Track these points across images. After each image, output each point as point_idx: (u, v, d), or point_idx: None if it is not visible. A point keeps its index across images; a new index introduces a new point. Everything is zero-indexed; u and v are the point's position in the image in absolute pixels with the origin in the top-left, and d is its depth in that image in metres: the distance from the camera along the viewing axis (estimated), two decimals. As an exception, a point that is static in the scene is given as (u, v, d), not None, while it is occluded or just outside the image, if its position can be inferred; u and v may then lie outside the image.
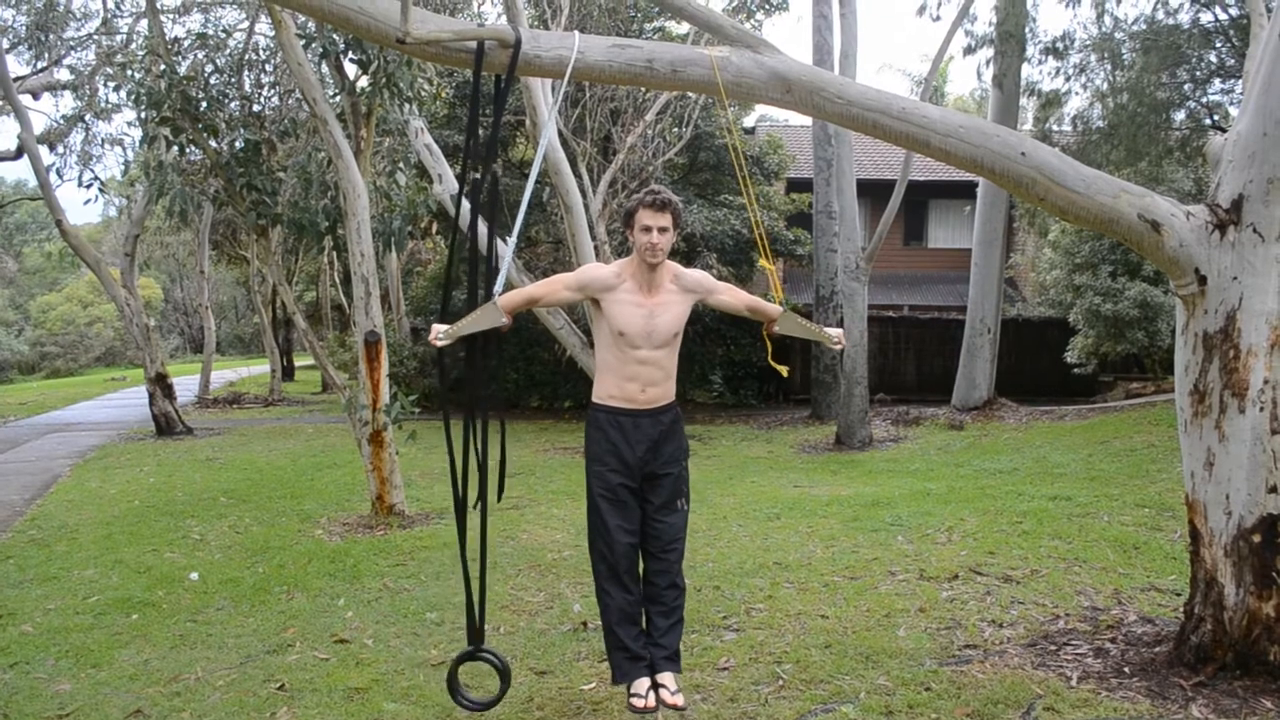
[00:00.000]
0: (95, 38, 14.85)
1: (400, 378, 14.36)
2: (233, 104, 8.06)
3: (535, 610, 4.89)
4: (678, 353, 3.44)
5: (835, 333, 3.53)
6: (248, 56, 8.56)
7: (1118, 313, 13.25)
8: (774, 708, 3.52)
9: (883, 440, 11.81)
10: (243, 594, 5.33)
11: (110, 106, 14.50)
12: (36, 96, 15.90)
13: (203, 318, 21.32)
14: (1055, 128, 13.93)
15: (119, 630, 4.75)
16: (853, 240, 11.92)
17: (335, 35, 7.03)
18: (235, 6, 13.69)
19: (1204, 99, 12.18)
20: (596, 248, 10.88)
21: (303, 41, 7.05)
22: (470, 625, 3.27)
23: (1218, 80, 11.92)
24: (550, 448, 11.95)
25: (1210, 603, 3.59)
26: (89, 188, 12.10)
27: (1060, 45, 12.47)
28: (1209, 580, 3.61)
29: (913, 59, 69.74)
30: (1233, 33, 11.05)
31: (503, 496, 3.29)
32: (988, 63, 13.06)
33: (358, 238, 7.14)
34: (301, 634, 4.61)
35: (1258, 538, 3.48)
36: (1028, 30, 12.47)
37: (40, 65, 15.16)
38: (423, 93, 7.93)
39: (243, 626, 4.77)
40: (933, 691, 3.59)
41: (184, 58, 8.66)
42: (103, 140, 15.40)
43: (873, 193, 19.99)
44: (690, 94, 13.17)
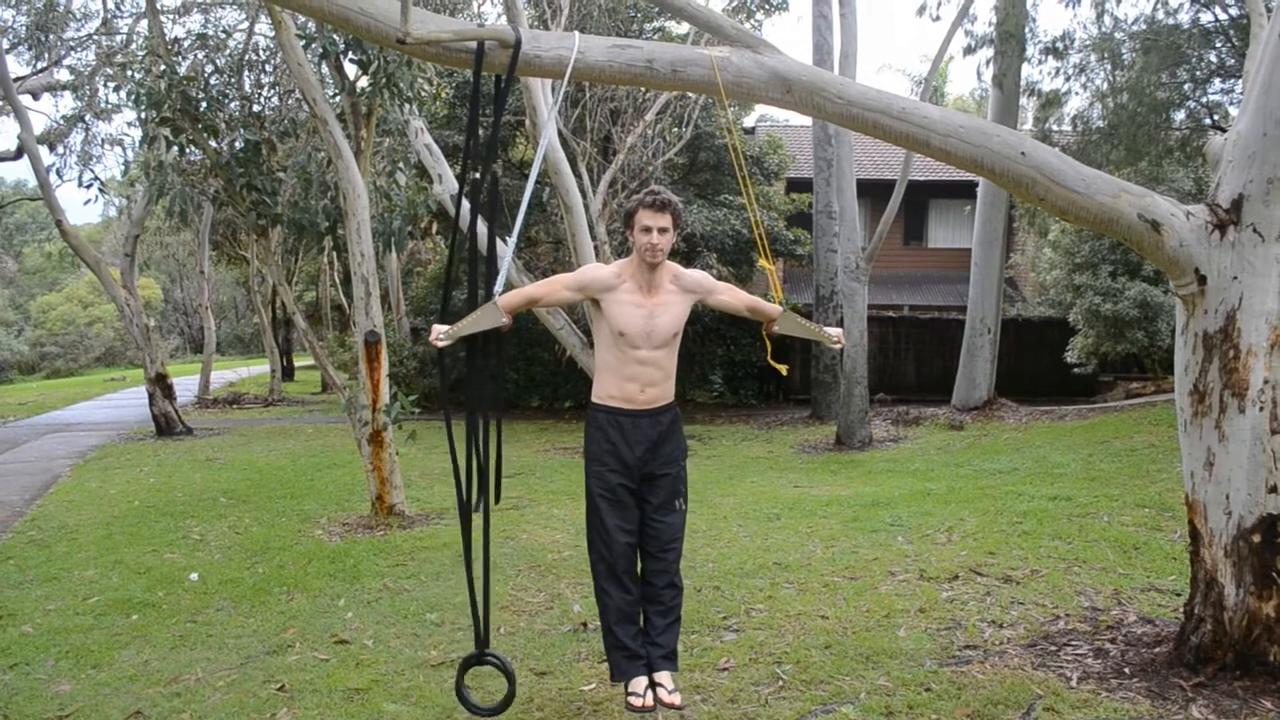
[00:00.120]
0: (95, 38, 14.85)
1: (400, 378, 14.37)
2: (233, 104, 8.06)
3: (535, 611, 4.89)
4: (677, 353, 3.45)
5: (835, 332, 3.53)
6: (248, 57, 8.57)
7: (1118, 312, 13.25)
8: (774, 708, 3.52)
9: (883, 440, 11.81)
10: (243, 594, 5.33)
11: (110, 107, 14.52)
12: (36, 97, 15.91)
13: (203, 318, 21.33)
14: (1055, 128, 13.92)
15: (119, 631, 4.75)
16: (853, 240, 11.92)
17: (335, 35, 7.03)
18: (235, 7, 13.72)
19: (1204, 99, 12.18)
20: (596, 248, 10.88)
21: (303, 42, 7.05)
22: (476, 629, 3.27)
23: (1218, 80, 11.91)
24: (550, 448, 11.95)
25: (1210, 603, 3.59)
26: (89, 188, 12.12)
27: (1060, 45, 12.46)
28: (1209, 580, 3.61)
29: (913, 59, 69.76)
30: (1233, 32, 11.04)
31: (500, 498, 3.29)
32: (988, 63, 13.06)
33: (358, 238, 7.14)
34: (301, 635, 4.61)
35: (1257, 538, 3.48)
36: (1027, 30, 12.47)
37: (40, 65, 15.16)
38: (423, 93, 7.93)
39: (243, 627, 4.77)
40: (933, 692, 3.59)
41: (184, 58, 8.67)
42: (103, 140, 15.44)
43: (873, 193, 20.00)
44: (690, 94, 13.17)
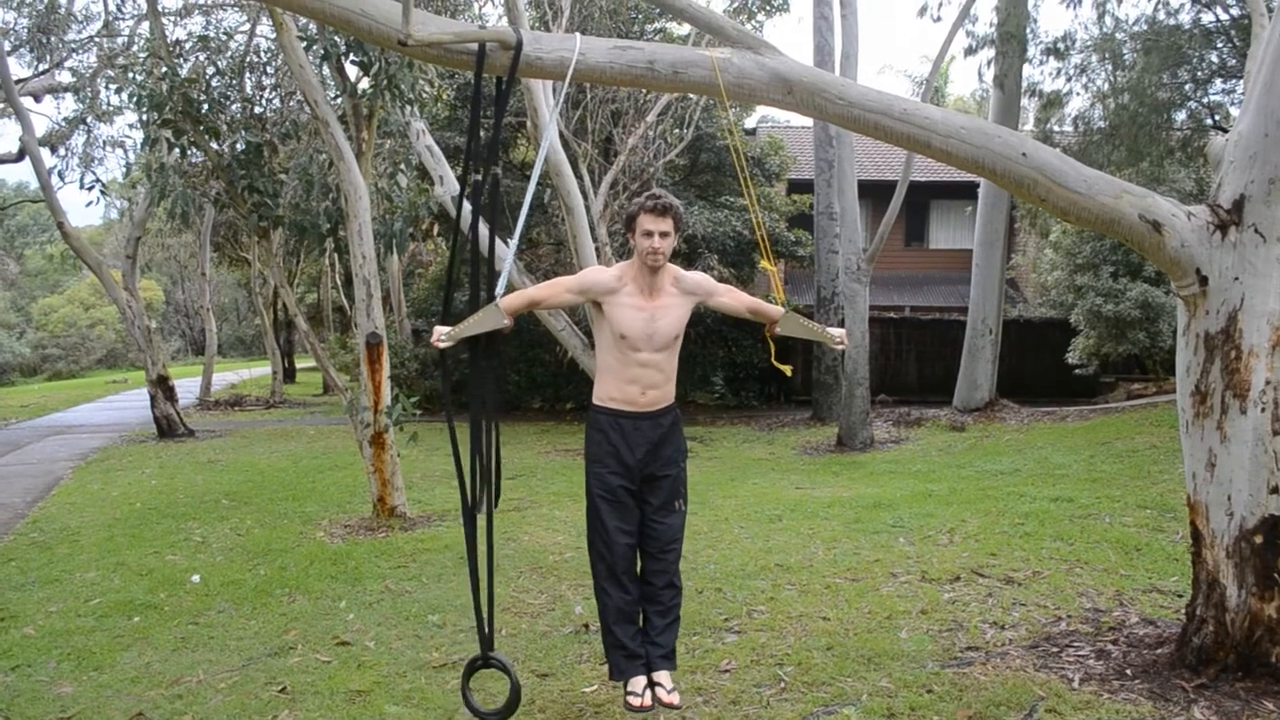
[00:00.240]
0: (97, 40, 14.88)
1: (402, 380, 14.37)
2: (234, 106, 8.07)
3: (537, 612, 4.89)
4: (678, 355, 3.46)
5: (838, 333, 3.52)
6: (249, 59, 8.59)
7: (1119, 313, 13.24)
8: (776, 710, 3.52)
9: (884, 441, 11.81)
10: (244, 596, 5.33)
11: (112, 109, 14.54)
12: (38, 99, 15.93)
13: (204, 320, 21.33)
14: (1056, 128, 13.90)
15: (121, 633, 4.76)
16: (854, 241, 11.92)
17: (336, 37, 7.04)
18: (236, 9, 13.73)
19: (1205, 99, 12.16)
20: (598, 249, 10.88)
21: (304, 44, 7.06)
22: (480, 632, 3.26)
23: (1219, 80, 11.90)
24: (552, 449, 11.95)
25: (1212, 604, 3.59)
26: (91, 190, 12.10)
27: (1061, 46, 12.44)
28: (1211, 582, 3.60)
29: (914, 60, 69.74)
30: (1234, 33, 11.03)
31: (499, 498, 3.28)
32: (989, 63, 13.05)
33: (359, 240, 7.14)
34: (303, 636, 4.61)
35: (1259, 539, 3.47)
36: (1029, 31, 12.46)
37: (42, 68, 15.18)
38: (424, 94, 7.95)
39: (244, 629, 4.77)
40: (934, 694, 3.58)
41: (185, 60, 8.68)
42: (104, 143, 15.49)
43: (874, 194, 20.00)
44: (692, 95, 13.18)
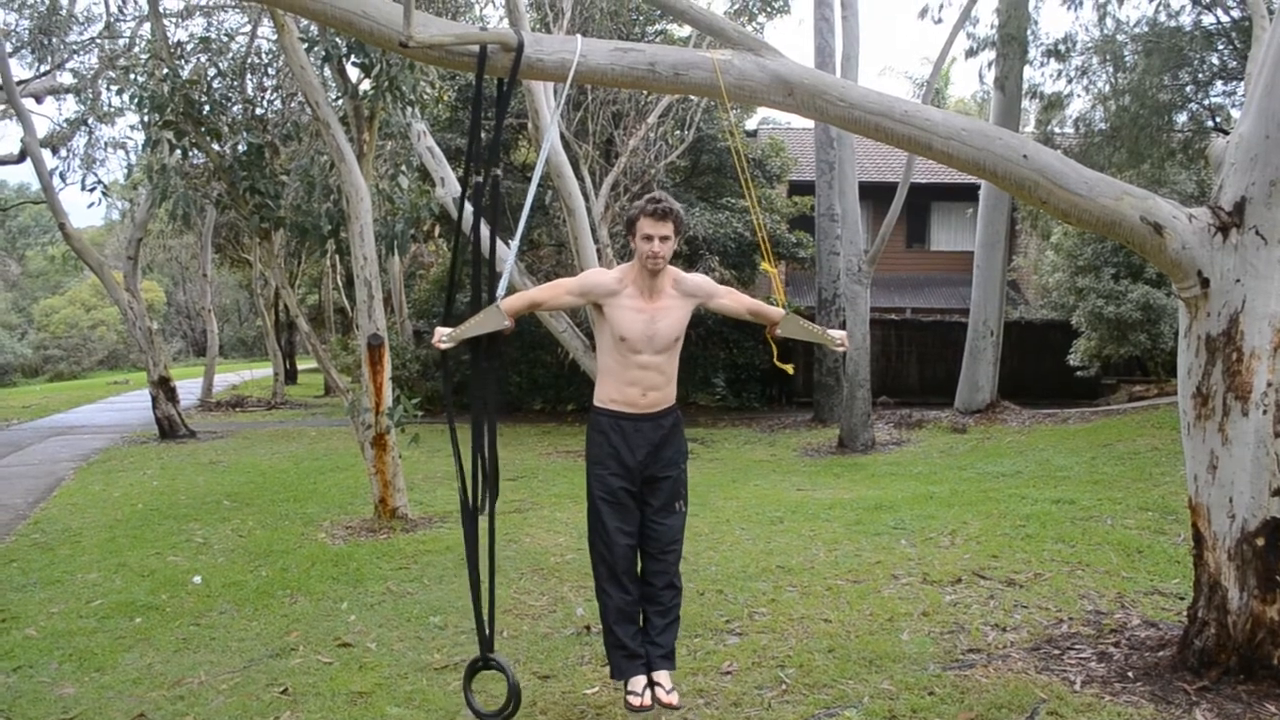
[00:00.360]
0: (98, 41, 14.89)
1: (403, 381, 14.37)
2: (235, 108, 8.08)
3: (538, 614, 4.89)
4: (678, 357, 3.46)
5: (838, 334, 3.51)
6: (250, 60, 8.59)
7: (1120, 315, 13.22)
8: (777, 712, 3.52)
9: (885, 443, 11.80)
10: (246, 597, 5.33)
11: (113, 110, 14.55)
12: (40, 100, 15.93)
13: (205, 321, 21.32)
14: (1057, 130, 13.88)
15: (122, 634, 4.76)
16: (855, 243, 11.92)
17: (338, 39, 7.04)
18: (238, 10, 13.74)
19: (1206, 101, 12.15)
20: (599, 251, 10.87)
21: (305, 45, 7.07)
22: (480, 633, 3.26)
23: (1220, 82, 11.89)
24: (553, 451, 11.95)
25: (1214, 606, 3.58)
26: (92, 191, 12.09)
27: (1062, 48, 12.43)
28: (1212, 584, 3.60)
29: (914, 62, 69.67)
30: (1235, 35, 11.02)
31: (497, 501, 3.27)
32: (989, 65, 13.04)
33: (360, 241, 7.15)
34: (305, 638, 4.61)
35: (1261, 541, 3.47)
36: (1029, 33, 12.45)
37: (43, 69, 15.19)
38: (425, 96, 7.95)
39: (246, 630, 4.77)
40: (936, 696, 3.58)
41: (187, 61, 8.68)
42: (106, 144, 15.49)
43: (875, 195, 20.00)
44: (693, 97, 13.18)
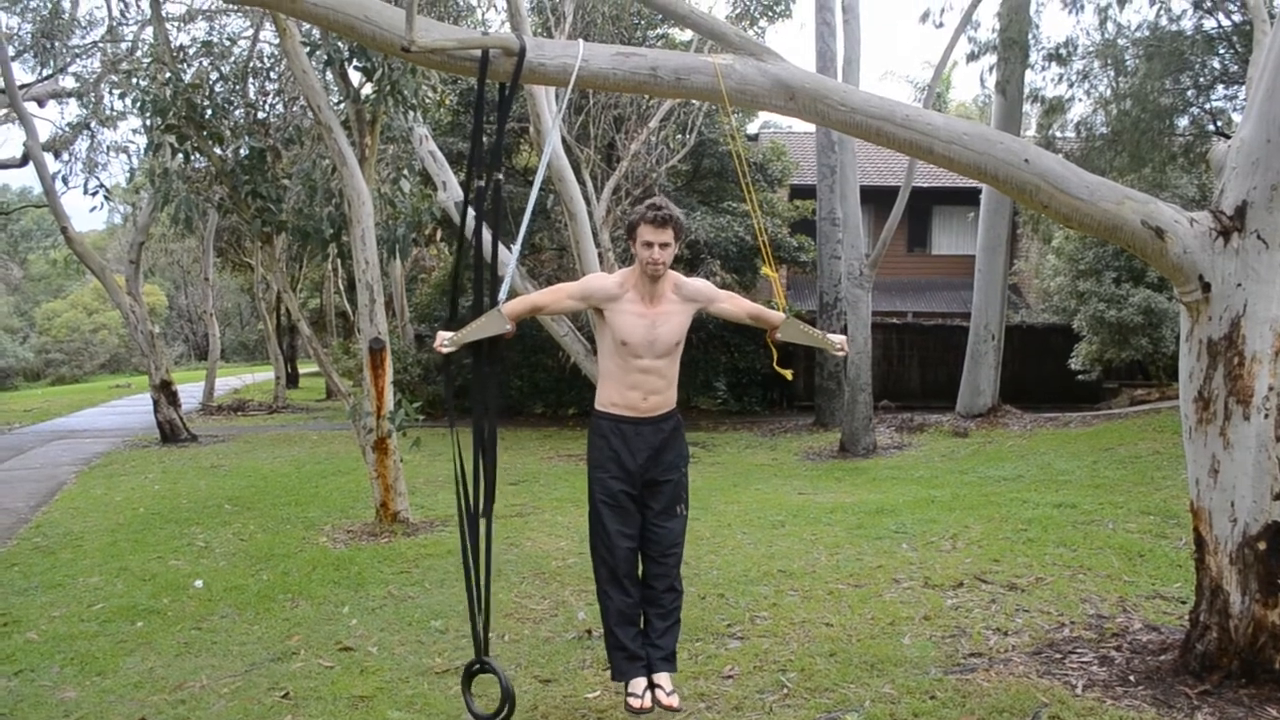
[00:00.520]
0: (100, 45, 14.91)
1: (404, 385, 14.37)
2: (237, 111, 8.10)
3: (539, 618, 4.89)
4: (679, 361, 3.48)
5: (838, 339, 3.52)
6: (252, 64, 8.61)
7: (1122, 319, 13.22)
8: (778, 716, 3.52)
9: (887, 447, 11.80)
10: (247, 601, 5.33)
11: (115, 114, 14.56)
12: (42, 104, 15.97)
13: (207, 325, 21.32)
14: (1058, 134, 13.88)
15: (124, 638, 4.76)
16: (856, 247, 11.92)
17: (340, 43, 7.06)
18: (240, 14, 13.76)
19: (1207, 105, 12.15)
20: (600, 255, 10.88)
21: (307, 49, 7.08)
22: (474, 635, 3.26)
23: (1221, 86, 11.89)
24: (554, 455, 11.95)
25: (1215, 610, 3.58)
26: (94, 195, 12.10)
27: (1063, 52, 12.43)
28: (1214, 588, 3.60)
29: (916, 66, 69.64)
30: (1236, 39, 11.03)
31: (494, 504, 3.27)
32: (991, 69, 13.04)
33: (362, 245, 7.15)
34: (306, 641, 4.61)
35: (1263, 545, 3.47)
36: (1031, 37, 12.46)
37: (46, 73, 15.21)
38: (426, 100, 7.97)
39: (247, 634, 4.77)
40: (938, 700, 3.58)
41: (189, 65, 8.71)
42: (108, 148, 15.46)
43: (876, 199, 20.00)
44: (694, 101, 13.20)
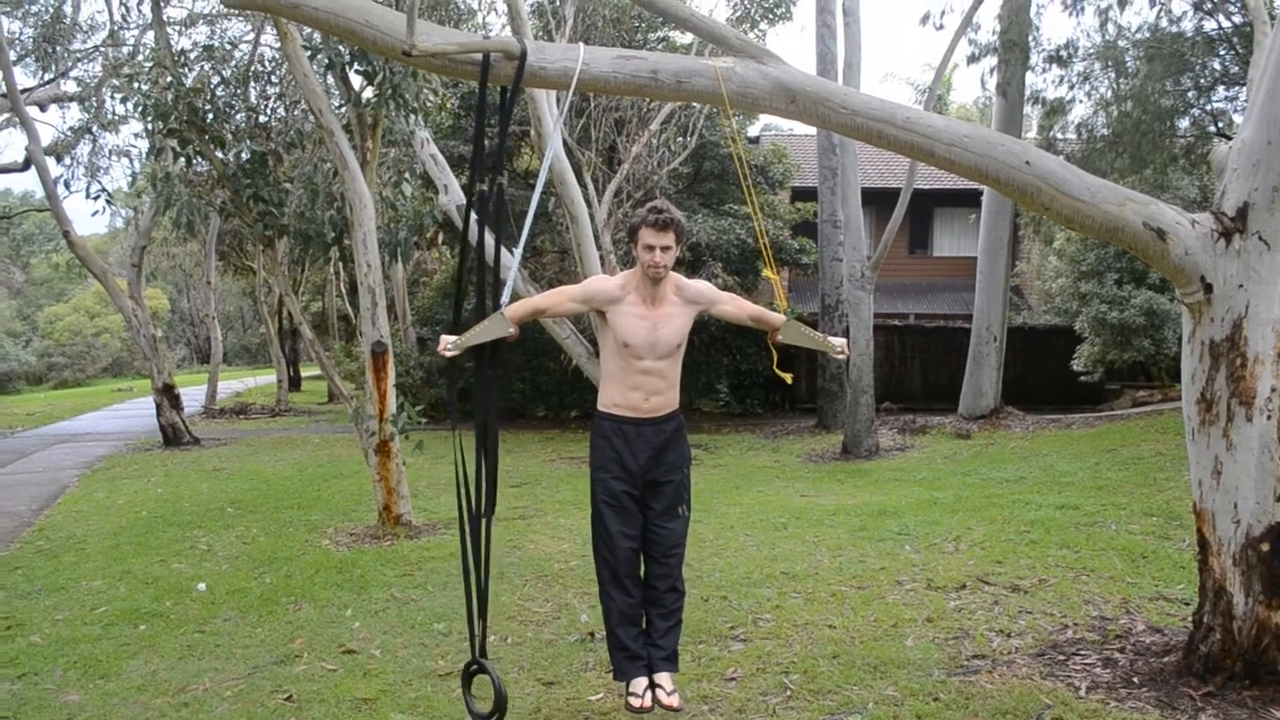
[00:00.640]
0: (102, 50, 14.95)
1: (407, 388, 14.37)
2: (239, 115, 8.12)
3: (542, 620, 4.89)
4: (681, 363, 3.48)
5: (839, 342, 3.54)
6: (254, 68, 8.63)
7: (1124, 320, 13.21)
8: (782, 718, 3.52)
9: (889, 449, 11.79)
10: (250, 604, 5.33)
11: (117, 118, 14.62)
12: (44, 108, 16.02)
13: (209, 328, 21.35)
14: (1059, 136, 13.88)
15: (127, 641, 4.76)
16: (858, 249, 11.93)
17: (341, 47, 7.07)
18: (241, 18, 13.79)
19: (1208, 106, 12.14)
20: (602, 257, 10.88)
21: (309, 53, 7.09)
22: (471, 636, 3.26)
23: (1222, 88, 11.88)
24: (556, 457, 11.95)
25: (1219, 612, 3.58)
26: (96, 199, 12.16)
27: (1064, 53, 12.43)
28: (1217, 589, 3.59)
29: (916, 68, 69.64)
30: (1236, 40, 11.02)
31: (495, 506, 3.27)
32: (991, 71, 13.04)
33: (364, 248, 7.16)
34: (309, 644, 4.61)
35: (1266, 546, 3.46)
36: (1031, 39, 12.46)
37: (47, 77, 15.25)
38: (428, 104, 7.97)
39: (250, 637, 4.77)
40: (941, 702, 3.58)
41: (190, 70, 8.72)
42: (110, 152, 15.61)
43: (877, 201, 20.00)
44: (695, 104, 13.20)
